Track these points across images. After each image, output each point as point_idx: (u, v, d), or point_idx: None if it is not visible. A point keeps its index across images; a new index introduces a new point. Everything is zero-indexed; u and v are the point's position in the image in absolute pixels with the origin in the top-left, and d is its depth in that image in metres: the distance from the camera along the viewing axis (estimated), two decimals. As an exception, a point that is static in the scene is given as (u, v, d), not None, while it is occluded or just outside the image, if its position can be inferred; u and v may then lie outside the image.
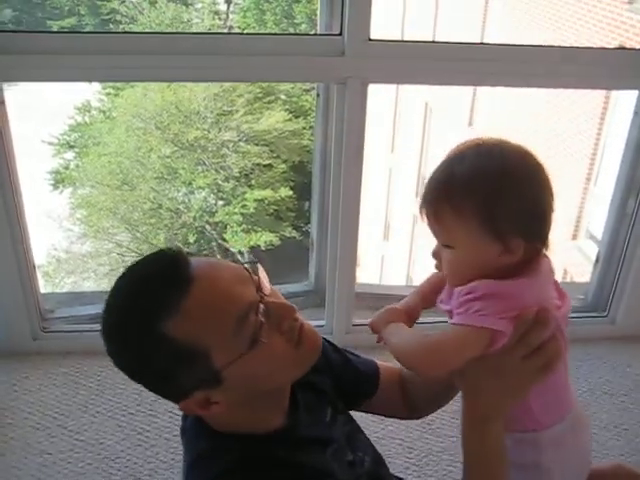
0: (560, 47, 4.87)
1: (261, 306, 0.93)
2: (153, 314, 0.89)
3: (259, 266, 0.99)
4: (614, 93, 6.75)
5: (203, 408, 0.94)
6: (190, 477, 1.00)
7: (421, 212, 1.03)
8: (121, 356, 0.94)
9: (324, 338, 1.20)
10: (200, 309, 0.89)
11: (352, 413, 1.23)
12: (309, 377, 1.04)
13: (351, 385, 1.23)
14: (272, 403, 1.02)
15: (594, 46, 6.42)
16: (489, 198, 0.96)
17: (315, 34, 2.36)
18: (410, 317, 1.14)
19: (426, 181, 1.05)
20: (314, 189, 2.42)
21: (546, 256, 1.03)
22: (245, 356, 0.90)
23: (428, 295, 1.16)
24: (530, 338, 0.97)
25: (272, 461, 0.96)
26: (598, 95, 6.99)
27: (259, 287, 0.95)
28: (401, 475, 1.94)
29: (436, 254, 1.05)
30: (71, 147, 14.72)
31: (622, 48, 5.42)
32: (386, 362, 1.32)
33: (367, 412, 1.31)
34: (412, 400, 1.30)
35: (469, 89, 9.36)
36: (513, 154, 1.01)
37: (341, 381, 1.20)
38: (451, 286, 1.04)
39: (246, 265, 0.98)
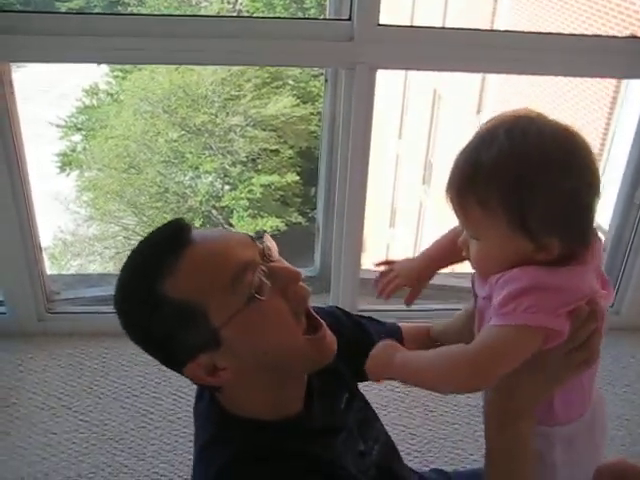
0: (571, 35, 4.83)
1: (262, 268, 0.92)
2: (151, 275, 0.91)
3: (266, 235, 0.98)
4: (624, 83, 6.70)
5: (211, 375, 0.93)
6: (200, 462, 0.99)
7: (447, 198, 0.95)
8: (128, 323, 0.95)
9: (337, 307, 1.21)
10: (195, 267, 0.91)
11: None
12: None
13: (364, 351, 1.20)
14: (286, 388, 0.99)
15: (605, 34, 6.35)
16: (518, 192, 0.85)
17: (324, 19, 2.35)
18: (421, 278, 1.10)
19: (453, 161, 0.94)
20: (320, 174, 2.41)
21: (597, 237, 0.93)
22: (243, 313, 0.90)
23: (436, 260, 1.13)
24: (580, 334, 0.91)
25: (282, 452, 0.94)
26: (608, 84, 6.94)
27: (264, 253, 0.95)
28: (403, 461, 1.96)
29: (463, 243, 0.97)
30: (78, 130, 14.72)
31: (633, 37, 5.37)
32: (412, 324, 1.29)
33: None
34: None
35: (478, 76, 9.31)
36: (551, 136, 0.87)
37: (358, 353, 1.13)
38: (480, 275, 0.97)
39: (253, 235, 0.98)
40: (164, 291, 0.90)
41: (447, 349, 0.91)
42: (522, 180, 0.85)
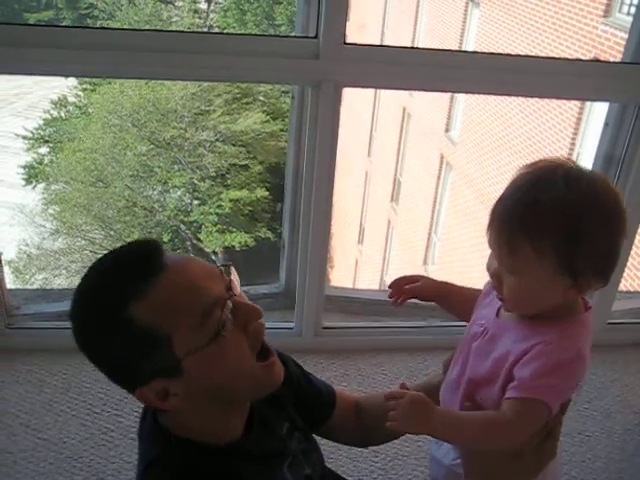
0: (536, 57, 4.92)
1: (229, 303, 0.94)
2: (121, 295, 0.91)
3: (232, 268, 1.00)
4: (587, 104, 6.83)
5: (161, 399, 0.94)
6: None
7: (490, 230, 0.98)
8: (85, 335, 0.94)
9: (287, 355, 1.20)
10: (168, 296, 0.91)
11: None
12: None
13: (310, 404, 1.22)
14: (232, 413, 1.01)
15: (570, 57, 6.49)
16: (573, 236, 0.92)
17: (291, 36, 2.36)
18: (431, 286, 1.19)
19: (501, 198, 0.98)
20: (287, 191, 2.41)
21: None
22: (207, 348, 0.91)
23: (449, 294, 1.22)
24: (550, 422, 1.02)
25: (225, 476, 0.96)
26: (573, 105, 7.07)
27: (229, 287, 0.97)
28: (367, 479, 1.96)
29: (496, 276, 1.01)
30: (46, 142, 14.56)
31: (597, 60, 5.50)
32: (343, 389, 1.33)
33: (318, 435, 1.28)
34: (365, 430, 1.30)
35: (447, 95, 9.42)
36: (602, 191, 0.95)
37: (301, 398, 1.19)
38: (507, 309, 1.04)
39: (220, 266, 1.00)
40: (131, 313, 0.90)
41: (488, 413, 1.00)
42: (579, 225, 0.92)
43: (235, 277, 0.99)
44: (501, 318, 1.07)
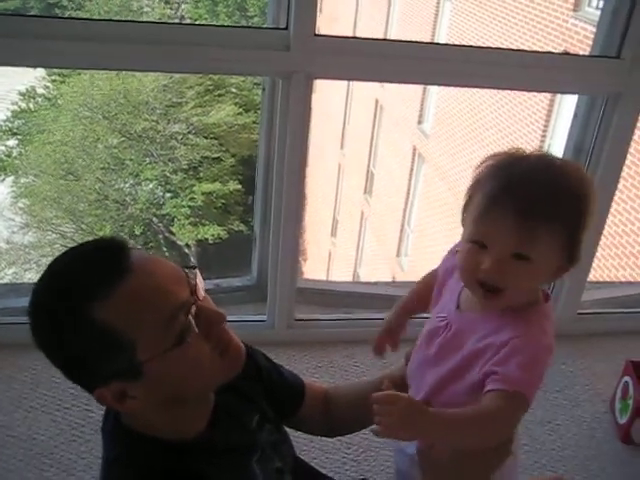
0: (507, 49, 4.95)
1: (193, 308, 0.93)
2: (85, 294, 0.89)
3: (197, 272, 0.99)
4: (558, 97, 6.90)
5: (118, 401, 0.93)
6: None
7: (496, 219, 0.98)
8: (44, 333, 0.93)
9: (257, 348, 1.20)
10: (134, 299, 0.90)
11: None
12: (235, 382, 1.03)
13: (280, 397, 1.22)
14: (194, 408, 1.01)
15: (540, 50, 6.55)
16: (581, 222, 0.99)
17: (262, 27, 2.33)
18: (394, 339, 1.21)
19: (519, 182, 0.98)
20: (258, 183, 2.40)
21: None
22: (169, 353, 0.91)
23: (411, 308, 1.25)
24: None
25: (185, 473, 0.96)
26: (543, 98, 7.14)
27: (194, 291, 0.96)
28: (338, 470, 1.97)
29: (498, 266, 0.98)
30: (14, 134, 14.35)
31: (566, 54, 5.55)
32: (312, 381, 1.33)
33: (288, 427, 1.27)
34: (333, 421, 1.30)
35: (419, 88, 9.45)
36: (591, 181, 1.04)
37: (271, 391, 1.19)
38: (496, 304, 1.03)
39: (185, 268, 0.99)
40: (94, 315, 0.89)
41: (475, 407, 0.98)
42: (584, 213, 0.99)
43: (200, 280, 0.98)
44: (463, 311, 1.07)
